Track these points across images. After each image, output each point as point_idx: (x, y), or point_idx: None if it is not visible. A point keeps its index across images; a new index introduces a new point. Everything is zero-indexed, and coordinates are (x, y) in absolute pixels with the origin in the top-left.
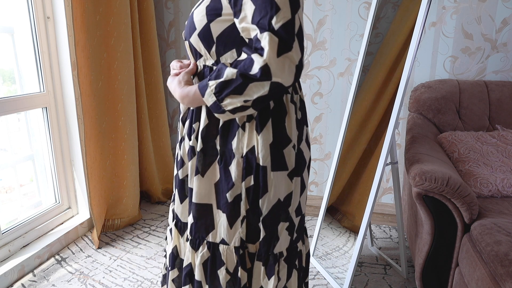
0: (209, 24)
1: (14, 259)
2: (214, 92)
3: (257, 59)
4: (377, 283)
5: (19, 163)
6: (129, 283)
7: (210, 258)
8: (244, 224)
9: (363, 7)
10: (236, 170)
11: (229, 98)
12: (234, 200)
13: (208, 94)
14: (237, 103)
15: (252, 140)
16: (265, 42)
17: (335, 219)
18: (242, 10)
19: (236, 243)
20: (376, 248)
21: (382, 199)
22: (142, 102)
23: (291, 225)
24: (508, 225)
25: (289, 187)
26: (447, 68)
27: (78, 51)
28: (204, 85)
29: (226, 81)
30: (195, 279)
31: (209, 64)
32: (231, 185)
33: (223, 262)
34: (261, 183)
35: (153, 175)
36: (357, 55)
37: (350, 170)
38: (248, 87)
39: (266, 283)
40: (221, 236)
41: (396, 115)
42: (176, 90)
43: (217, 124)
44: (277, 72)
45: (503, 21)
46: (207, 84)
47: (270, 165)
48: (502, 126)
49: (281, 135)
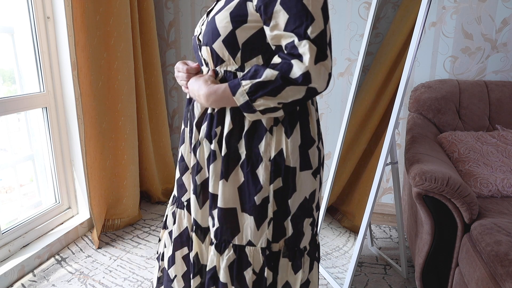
0: (235, 30)
1: (14, 259)
2: (247, 91)
3: (298, 64)
4: (377, 283)
5: (19, 163)
6: (129, 283)
7: (236, 260)
8: (271, 225)
9: (363, 7)
10: (264, 173)
11: (262, 99)
12: (262, 203)
13: (240, 93)
14: (270, 104)
15: (281, 143)
16: (305, 49)
17: (335, 219)
18: (273, 18)
19: (262, 244)
20: (376, 248)
21: (382, 199)
22: (142, 102)
23: (313, 220)
24: (508, 225)
25: (313, 184)
26: (447, 68)
27: (78, 51)
28: (236, 84)
29: (263, 82)
30: (220, 282)
31: (232, 70)
32: (259, 188)
33: (250, 263)
34: (291, 183)
35: (153, 175)
36: (357, 55)
37: (350, 170)
38: (284, 90)
39: (294, 278)
40: (248, 238)
41: (396, 115)
42: (202, 88)
43: (241, 128)
44: (315, 78)
45: (503, 21)
46: (240, 83)
47: (299, 166)
48: (502, 126)
49: (306, 137)
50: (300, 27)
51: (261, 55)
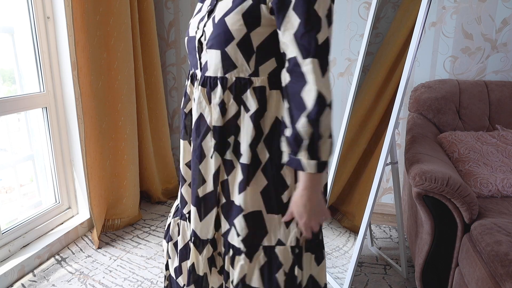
0: (249, 33)
1: (14, 259)
2: (312, 159)
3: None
4: (377, 283)
5: (19, 163)
6: (129, 283)
7: (267, 263)
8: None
9: (363, 7)
10: (290, 173)
11: (321, 149)
12: (288, 201)
13: (312, 167)
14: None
15: None
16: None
17: (335, 219)
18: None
19: (292, 243)
20: (376, 248)
21: (382, 199)
22: (142, 102)
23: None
24: (508, 225)
25: (326, 178)
26: (447, 68)
27: (78, 51)
28: (297, 163)
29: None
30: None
31: (245, 76)
32: (286, 188)
33: (281, 264)
34: None
35: (153, 175)
36: (357, 55)
37: (350, 170)
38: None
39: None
40: (277, 237)
41: (396, 115)
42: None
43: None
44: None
45: (503, 21)
46: (303, 163)
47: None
48: (502, 126)
49: None
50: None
51: (275, 58)
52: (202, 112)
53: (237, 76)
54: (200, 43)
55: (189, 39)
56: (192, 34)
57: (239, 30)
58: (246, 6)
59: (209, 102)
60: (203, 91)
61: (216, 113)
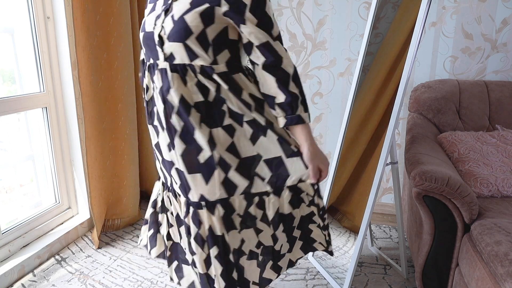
0: (205, 29)
1: (14, 259)
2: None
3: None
4: (377, 283)
5: (19, 163)
6: (129, 283)
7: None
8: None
9: (363, 7)
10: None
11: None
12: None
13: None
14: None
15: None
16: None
17: (335, 219)
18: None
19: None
20: (376, 248)
21: (382, 199)
22: (142, 102)
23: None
24: (508, 225)
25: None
26: (447, 68)
27: (78, 51)
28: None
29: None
30: (285, 215)
31: (207, 64)
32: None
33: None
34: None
35: (153, 175)
36: (357, 55)
37: (350, 170)
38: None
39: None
40: (299, 177)
41: (396, 115)
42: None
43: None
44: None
45: (503, 21)
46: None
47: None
48: (502, 126)
49: None
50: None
51: (227, 49)
52: (182, 93)
53: (201, 64)
54: (159, 37)
55: (146, 35)
56: (149, 29)
57: (197, 26)
58: (203, 8)
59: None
60: (176, 76)
61: (196, 91)
